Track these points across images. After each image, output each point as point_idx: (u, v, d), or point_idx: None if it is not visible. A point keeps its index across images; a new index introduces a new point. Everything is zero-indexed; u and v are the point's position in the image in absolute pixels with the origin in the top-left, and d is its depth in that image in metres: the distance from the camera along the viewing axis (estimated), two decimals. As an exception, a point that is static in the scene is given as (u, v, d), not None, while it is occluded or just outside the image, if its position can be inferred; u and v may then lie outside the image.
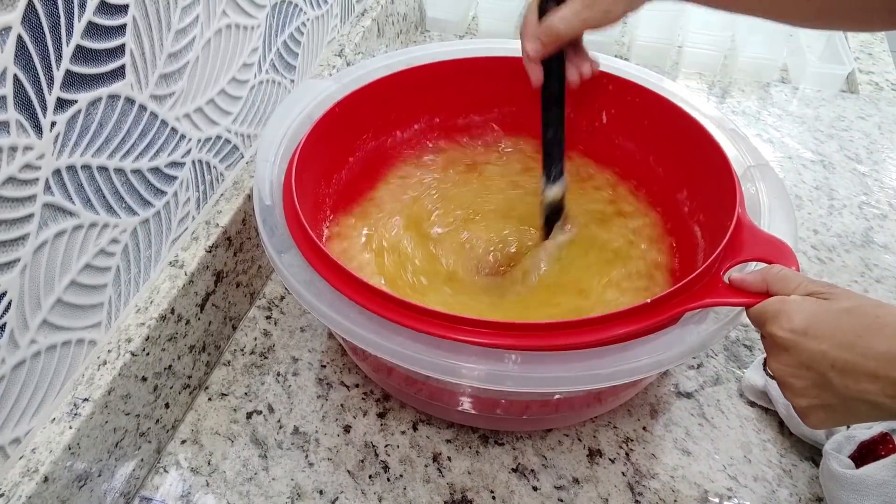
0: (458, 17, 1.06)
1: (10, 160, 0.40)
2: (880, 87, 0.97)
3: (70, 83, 0.43)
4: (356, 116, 0.63)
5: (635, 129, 0.66)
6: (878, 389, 0.38)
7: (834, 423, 0.42)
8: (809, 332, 0.40)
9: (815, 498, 0.54)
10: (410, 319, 0.45)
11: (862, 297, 0.41)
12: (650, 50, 0.99)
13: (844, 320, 0.39)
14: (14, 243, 0.41)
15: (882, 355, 0.38)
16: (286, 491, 0.54)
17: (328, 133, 0.60)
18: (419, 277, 0.60)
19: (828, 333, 0.40)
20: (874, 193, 0.81)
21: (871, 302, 0.40)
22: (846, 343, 0.39)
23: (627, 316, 0.45)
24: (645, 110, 0.64)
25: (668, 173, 0.64)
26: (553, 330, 0.45)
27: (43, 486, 0.44)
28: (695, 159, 0.60)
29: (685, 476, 0.55)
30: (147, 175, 0.53)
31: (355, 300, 0.47)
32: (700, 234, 0.59)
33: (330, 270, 0.48)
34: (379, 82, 0.64)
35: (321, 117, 0.59)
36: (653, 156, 0.65)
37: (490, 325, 0.45)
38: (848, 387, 0.39)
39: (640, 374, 0.45)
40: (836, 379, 0.39)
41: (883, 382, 0.38)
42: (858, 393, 0.39)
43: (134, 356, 0.51)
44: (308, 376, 0.62)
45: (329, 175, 0.63)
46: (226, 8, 0.58)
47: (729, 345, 0.65)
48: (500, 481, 0.55)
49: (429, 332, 0.45)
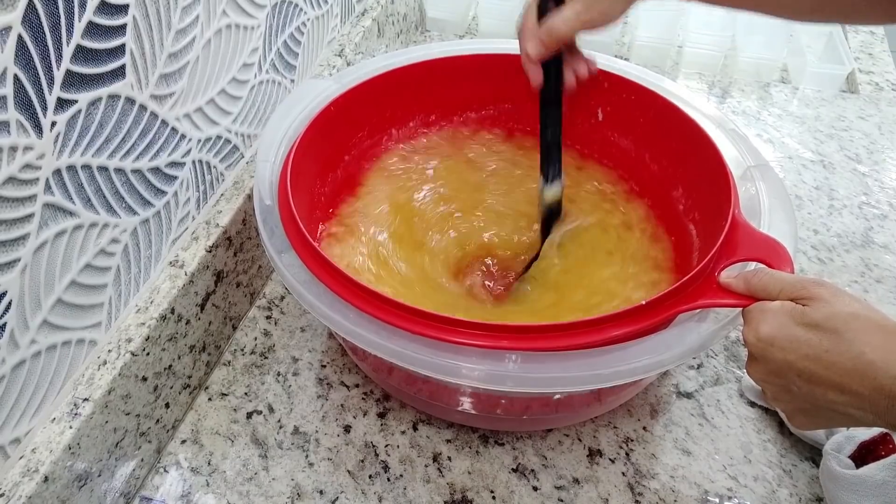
0: (458, 17, 1.06)
1: (10, 160, 0.40)
2: (880, 88, 0.97)
3: (70, 83, 0.43)
4: (351, 115, 0.63)
5: (631, 126, 0.66)
6: (846, 401, 0.38)
7: (816, 426, 0.43)
8: (776, 342, 0.40)
9: (815, 498, 0.54)
10: (407, 321, 0.45)
11: (841, 302, 0.40)
12: (650, 50, 0.99)
13: (813, 334, 0.39)
14: (14, 243, 0.41)
15: (847, 372, 0.38)
16: (286, 491, 0.54)
17: (323, 132, 0.60)
18: (412, 278, 0.60)
19: (793, 347, 0.40)
20: (874, 193, 0.81)
21: (847, 312, 0.39)
22: (812, 356, 0.39)
23: (622, 318, 0.45)
24: (641, 108, 0.64)
25: (663, 171, 0.64)
26: (547, 332, 0.45)
27: (43, 485, 0.44)
28: (690, 157, 0.60)
29: (685, 476, 0.55)
30: (147, 175, 0.53)
31: (352, 303, 0.47)
32: (695, 232, 0.59)
33: (327, 273, 0.48)
34: (373, 80, 0.64)
35: (316, 116, 0.59)
36: (648, 153, 0.65)
37: (485, 326, 0.45)
38: (816, 396, 0.40)
39: (640, 374, 0.45)
40: (804, 388, 0.40)
41: (849, 395, 0.38)
42: (827, 403, 0.39)
43: (134, 356, 0.51)
44: (308, 376, 0.62)
45: (325, 174, 0.63)
46: (226, 8, 0.58)
47: (729, 345, 0.65)
48: (501, 481, 0.55)
49: (425, 334, 0.45)
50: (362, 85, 0.63)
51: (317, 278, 0.48)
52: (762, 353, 0.41)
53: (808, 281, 0.42)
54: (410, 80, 0.66)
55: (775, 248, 0.48)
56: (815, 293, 0.40)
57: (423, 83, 0.67)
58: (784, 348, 0.40)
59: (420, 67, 0.66)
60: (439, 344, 0.45)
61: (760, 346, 0.41)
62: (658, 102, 0.62)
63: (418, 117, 0.69)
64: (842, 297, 0.40)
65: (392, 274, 0.59)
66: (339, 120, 0.62)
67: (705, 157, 0.57)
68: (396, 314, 0.46)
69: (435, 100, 0.69)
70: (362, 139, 0.66)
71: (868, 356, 0.37)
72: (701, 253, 0.56)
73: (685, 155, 0.61)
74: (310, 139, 0.58)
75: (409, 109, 0.68)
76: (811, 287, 0.41)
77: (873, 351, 0.37)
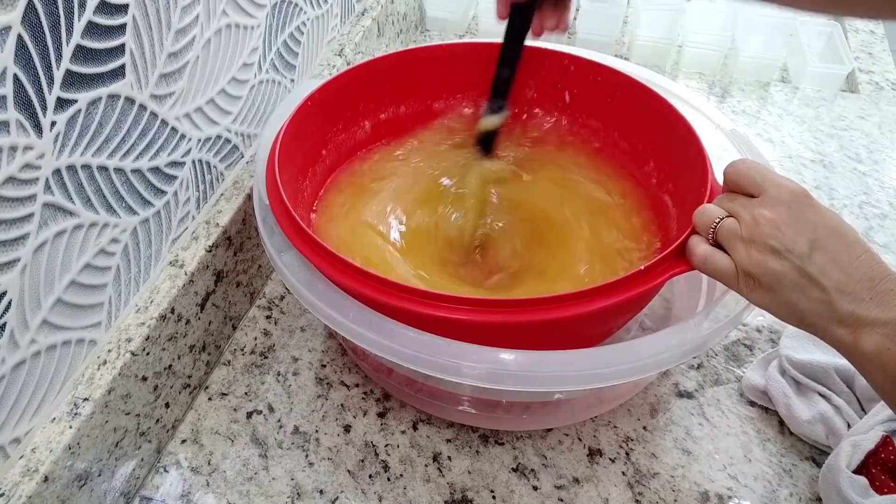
0: (459, 17, 1.06)
1: (10, 160, 0.40)
2: (880, 87, 0.97)
3: (70, 83, 0.43)
4: (325, 109, 0.63)
5: (599, 107, 0.67)
6: (826, 298, 0.40)
7: (769, 302, 0.43)
8: (808, 200, 0.43)
9: (815, 498, 0.54)
10: (397, 299, 0.45)
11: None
12: (650, 50, 0.99)
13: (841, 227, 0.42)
14: (14, 243, 0.41)
15: (862, 276, 0.39)
16: (286, 490, 0.54)
17: (303, 128, 0.60)
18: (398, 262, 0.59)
19: (822, 220, 0.42)
20: (874, 193, 0.81)
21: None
22: (837, 234, 0.41)
23: (618, 286, 0.45)
24: (607, 88, 0.65)
25: (633, 147, 0.65)
26: (544, 305, 0.45)
27: (43, 485, 0.44)
28: (659, 131, 0.61)
29: (685, 476, 0.55)
30: (147, 175, 0.53)
31: (343, 284, 0.47)
32: (671, 203, 0.60)
33: (319, 256, 0.48)
34: (344, 74, 0.64)
35: (294, 112, 0.59)
36: (617, 131, 0.66)
37: (487, 302, 0.45)
38: (814, 265, 0.40)
39: (640, 374, 0.45)
40: (815, 255, 0.41)
41: (837, 294, 0.40)
42: (817, 274, 0.40)
43: (134, 356, 0.51)
44: (308, 376, 0.62)
45: (305, 169, 0.62)
46: (226, 7, 0.58)
47: (729, 345, 0.65)
48: (501, 481, 0.55)
49: (419, 312, 0.45)
50: (336, 79, 0.63)
51: (308, 261, 0.48)
52: (795, 202, 0.43)
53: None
54: (378, 72, 0.66)
55: None
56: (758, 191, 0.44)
57: (390, 76, 0.67)
58: (819, 211, 0.43)
59: (387, 60, 0.67)
60: (440, 342, 0.45)
61: (794, 199, 0.43)
62: (624, 82, 0.63)
63: (389, 110, 0.69)
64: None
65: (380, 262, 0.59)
66: (315, 115, 0.62)
67: (675, 129, 0.58)
68: (392, 293, 0.45)
69: (403, 92, 0.69)
70: (337, 133, 0.66)
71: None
72: (679, 222, 0.57)
73: (654, 129, 0.62)
74: (291, 136, 0.58)
75: (381, 102, 0.68)
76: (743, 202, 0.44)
77: None
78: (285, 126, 0.57)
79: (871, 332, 0.38)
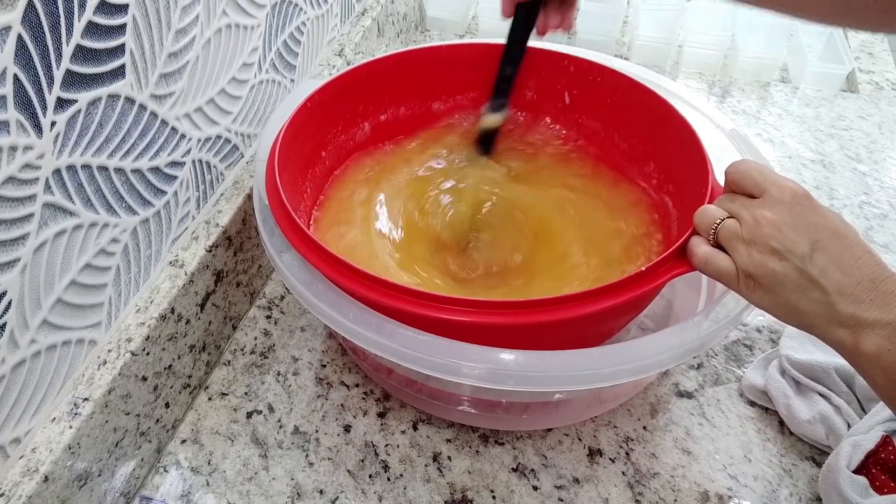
0: (459, 17, 1.06)
1: (10, 160, 0.40)
2: (880, 87, 0.97)
3: (70, 83, 0.43)
4: (325, 109, 0.63)
5: (598, 107, 0.67)
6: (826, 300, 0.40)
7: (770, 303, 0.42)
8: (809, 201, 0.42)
9: (815, 498, 0.54)
10: (404, 302, 0.45)
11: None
12: (650, 50, 0.99)
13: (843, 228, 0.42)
14: (14, 243, 0.41)
15: (863, 277, 0.39)
16: (286, 490, 0.54)
17: (303, 128, 0.60)
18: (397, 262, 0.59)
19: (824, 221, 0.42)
20: (874, 193, 0.81)
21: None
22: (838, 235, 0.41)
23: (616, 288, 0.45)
24: (607, 89, 0.65)
25: (633, 149, 0.65)
26: (547, 306, 0.44)
27: (43, 485, 0.44)
28: (659, 133, 0.61)
29: (685, 476, 0.55)
30: (147, 175, 0.53)
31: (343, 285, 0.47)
32: (671, 203, 0.60)
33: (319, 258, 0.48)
34: (345, 75, 0.64)
35: (295, 112, 0.59)
36: (617, 133, 0.66)
37: (488, 304, 0.45)
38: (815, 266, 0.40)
39: (640, 374, 0.45)
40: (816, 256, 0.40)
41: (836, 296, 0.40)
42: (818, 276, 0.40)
43: (134, 356, 0.51)
44: (308, 376, 0.62)
45: (305, 170, 0.63)
46: (226, 7, 0.58)
47: (729, 345, 0.65)
48: (501, 481, 0.55)
49: (421, 313, 0.45)
50: (335, 80, 0.63)
51: (310, 263, 0.48)
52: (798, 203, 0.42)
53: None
54: (380, 74, 0.66)
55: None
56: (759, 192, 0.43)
57: (391, 77, 0.67)
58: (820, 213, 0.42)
59: (388, 61, 0.66)
60: (440, 342, 0.45)
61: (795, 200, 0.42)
62: (624, 82, 0.63)
63: (388, 111, 0.69)
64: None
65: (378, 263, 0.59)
66: (316, 117, 0.62)
67: (675, 129, 0.58)
68: (392, 294, 0.45)
69: (403, 93, 0.69)
70: (336, 135, 0.66)
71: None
72: (679, 222, 0.56)
73: (654, 131, 0.62)
74: (291, 136, 0.58)
75: (380, 103, 0.68)
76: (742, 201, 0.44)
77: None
78: (285, 126, 0.57)
79: (872, 333, 0.38)
